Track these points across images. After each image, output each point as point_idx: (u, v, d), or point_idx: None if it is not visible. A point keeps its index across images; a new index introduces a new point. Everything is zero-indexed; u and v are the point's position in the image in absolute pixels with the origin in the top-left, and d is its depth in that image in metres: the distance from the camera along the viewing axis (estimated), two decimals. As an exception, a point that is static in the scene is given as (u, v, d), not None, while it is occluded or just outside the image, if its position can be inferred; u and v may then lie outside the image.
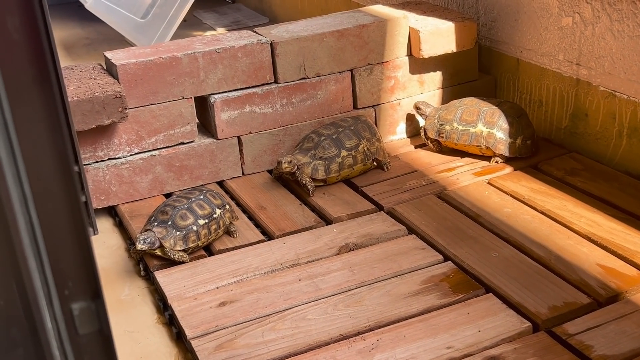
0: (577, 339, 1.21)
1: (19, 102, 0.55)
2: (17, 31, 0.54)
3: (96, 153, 1.74)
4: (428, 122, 1.93)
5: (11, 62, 0.55)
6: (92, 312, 0.62)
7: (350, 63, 1.95)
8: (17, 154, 0.56)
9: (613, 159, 1.80)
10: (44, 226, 0.58)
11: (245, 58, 1.83)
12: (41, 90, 0.57)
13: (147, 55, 1.77)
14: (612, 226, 1.53)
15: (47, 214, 0.58)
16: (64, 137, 0.58)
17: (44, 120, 0.57)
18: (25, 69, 0.56)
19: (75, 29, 3.54)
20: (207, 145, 1.85)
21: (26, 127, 0.56)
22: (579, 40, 1.82)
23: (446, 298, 1.36)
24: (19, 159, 0.56)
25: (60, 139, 0.58)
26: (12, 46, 0.54)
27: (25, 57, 0.55)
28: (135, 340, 1.37)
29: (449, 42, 1.98)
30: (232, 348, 1.26)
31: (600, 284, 1.35)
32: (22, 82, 0.56)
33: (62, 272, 0.60)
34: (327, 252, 1.55)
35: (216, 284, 1.45)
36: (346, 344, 1.26)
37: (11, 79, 0.55)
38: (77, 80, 1.74)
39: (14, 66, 0.55)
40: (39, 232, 0.58)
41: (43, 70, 0.56)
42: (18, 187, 0.56)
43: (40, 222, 0.58)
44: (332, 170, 1.78)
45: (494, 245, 1.51)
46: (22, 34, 0.54)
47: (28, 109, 0.56)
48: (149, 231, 1.51)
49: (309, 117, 1.94)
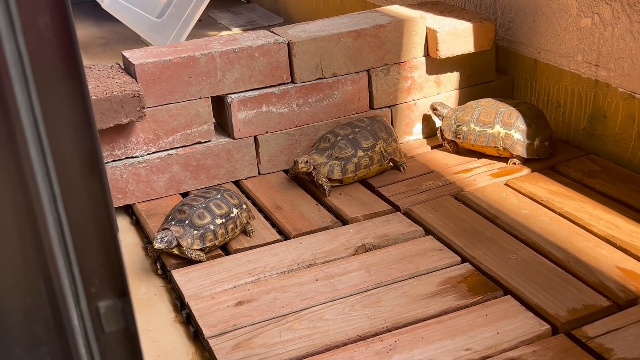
0: (597, 342, 1.20)
1: (49, 100, 0.56)
2: (47, 29, 0.55)
3: (114, 152, 1.75)
4: (445, 123, 1.93)
5: (42, 60, 0.55)
6: (118, 311, 0.62)
7: (367, 63, 1.95)
8: (47, 152, 0.56)
9: (632, 160, 1.78)
10: (72, 224, 0.58)
11: (262, 58, 1.83)
12: (70, 89, 0.57)
13: (165, 54, 1.77)
14: (632, 229, 1.51)
15: (75, 212, 0.58)
16: (93, 135, 0.58)
17: (73, 118, 0.57)
18: (56, 67, 0.56)
19: (91, 29, 3.56)
20: (223, 145, 1.85)
21: (55, 125, 0.56)
22: (598, 41, 1.81)
23: (464, 300, 1.36)
24: (49, 157, 0.56)
25: (89, 136, 0.58)
26: (43, 44, 0.55)
27: (56, 55, 0.56)
28: (152, 339, 1.37)
29: (467, 42, 1.97)
30: (249, 347, 1.26)
31: (620, 286, 1.34)
32: (51, 80, 0.56)
33: (89, 270, 0.60)
34: (343, 252, 1.54)
35: (233, 284, 1.45)
36: (364, 345, 1.25)
37: (41, 77, 0.55)
38: (96, 79, 1.75)
39: (44, 64, 0.55)
40: (67, 230, 0.58)
41: (72, 69, 0.57)
42: (47, 185, 0.56)
43: (68, 220, 0.58)
44: (349, 170, 1.78)
45: (511, 247, 1.50)
46: (52, 32, 0.55)
47: (57, 107, 0.56)
48: (166, 230, 1.52)
49: (326, 117, 1.94)
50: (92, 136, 0.59)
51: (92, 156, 0.59)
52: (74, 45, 0.57)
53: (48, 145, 0.56)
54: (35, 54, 0.54)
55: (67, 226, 0.58)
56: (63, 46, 0.56)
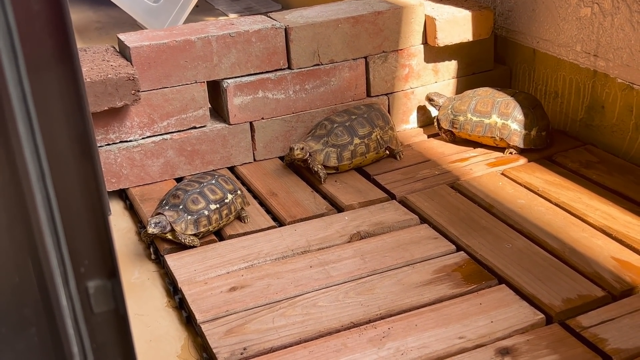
0: (591, 332, 1.20)
1: (39, 77, 0.54)
2: (37, 2, 0.53)
3: (108, 135, 1.74)
4: (441, 113, 1.91)
5: (31, 34, 0.53)
6: (107, 291, 0.61)
7: (365, 50, 1.93)
8: (36, 129, 0.55)
9: (629, 152, 1.78)
10: (61, 203, 0.57)
11: (259, 43, 1.82)
12: (61, 66, 0.55)
13: (161, 38, 1.76)
14: (628, 219, 1.51)
15: (65, 191, 0.57)
16: (84, 114, 0.57)
17: (64, 96, 0.56)
18: (46, 42, 0.54)
19: (87, 12, 3.53)
20: (219, 130, 1.84)
21: (45, 103, 0.55)
22: (597, 31, 1.79)
23: (458, 288, 1.35)
24: (38, 135, 0.55)
25: (80, 115, 0.57)
26: (32, 18, 0.53)
27: (46, 30, 0.54)
28: (144, 324, 1.36)
29: (465, 31, 1.96)
30: (242, 333, 1.25)
31: (615, 277, 1.34)
32: (42, 55, 0.54)
33: (79, 250, 0.59)
34: (338, 239, 1.54)
35: (227, 269, 1.45)
36: (357, 332, 1.25)
37: (31, 52, 0.54)
38: (90, 62, 1.73)
39: (34, 38, 0.54)
40: (56, 209, 0.57)
41: (64, 44, 0.55)
42: (36, 162, 0.55)
43: (57, 199, 0.57)
44: (345, 158, 1.77)
45: (507, 236, 1.49)
46: (42, 4, 0.53)
47: (48, 83, 0.55)
48: (160, 215, 1.51)
49: (322, 104, 1.93)
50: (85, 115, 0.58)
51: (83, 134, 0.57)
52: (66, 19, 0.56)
53: (37, 122, 0.55)
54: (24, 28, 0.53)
55: (56, 205, 0.57)
56: (54, 20, 0.54)
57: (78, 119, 0.57)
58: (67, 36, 0.54)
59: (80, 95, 0.57)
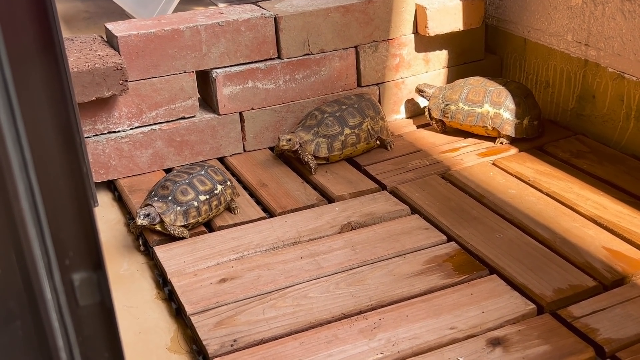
0: (583, 322, 1.20)
1: (21, 64, 0.53)
2: (18, -12, 0.52)
3: (96, 126, 1.72)
4: (432, 102, 1.90)
5: (12, 21, 0.52)
6: (93, 283, 0.60)
7: (355, 39, 1.92)
8: (18, 117, 0.53)
9: (620, 141, 1.77)
10: (44, 193, 0.55)
11: (248, 32, 1.80)
12: (44, 53, 0.54)
13: (149, 27, 1.74)
14: (619, 209, 1.51)
15: (48, 181, 0.55)
16: (67, 103, 0.56)
17: (47, 84, 0.55)
18: (27, 29, 0.53)
19: (75, 2, 3.49)
20: (208, 121, 1.82)
21: (27, 91, 0.54)
22: (589, 21, 1.79)
23: (449, 278, 1.34)
24: (20, 123, 0.53)
25: (63, 104, 0.55)
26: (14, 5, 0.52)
27: (27, 16, 0.53)
28: (134, 316, 1.35)
29: (456, 20, 1.95)
30: (232, 325, 1.24)
31: (606, 267, 1.33)
32: (24, 43, 0.53)
33: (63, 241, 0.57)
34: (329, 230, 1.53)
35: (216, 261, 1.43)
36: (348, 323, 1.24)
37: (12, 40, 0.52)
38: (77, 52, 1.71)
39: (15, 25, 0.52)
40: (40, 199, 0.55)
41: (46, 31, 0.54)
42: (18, 151, 0.53)
43: (40, 189, 0.55)
44: (335, 148, 1.76)
45: (498, 226, 1.49)
46: (23, -10, 0.52)
47: (30, 71, 0.53)
48: (149, 206, 1.49)
49: (312, 94, 1.91)
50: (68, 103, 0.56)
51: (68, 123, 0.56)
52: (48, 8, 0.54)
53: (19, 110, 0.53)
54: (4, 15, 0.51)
55: (40, 195, 0.55)
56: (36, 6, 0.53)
57: (62, 108, 0.55)
58: (50, 24, 0.53)
59: (64, 84, 0.55)
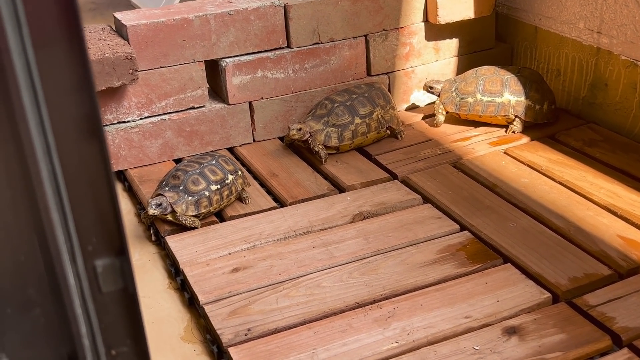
0: (599, 311, 1.19)
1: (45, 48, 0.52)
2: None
3: (106, 116, 1.71)
4: (445, 96, 1.87)
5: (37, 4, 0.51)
6: (116, 270, 0.59)
7: (365, 28, 1.90)
8: (42, 102, 0.52)
9: (633, 130, 1.76)
10: (67, 179, 0.55)
11: (257, 21, 1.79)
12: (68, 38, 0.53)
13: (158, 16, 1.73)
14: (633, 198, 1.50)
15: (71, 166, 0.55)
16: (91, 88, 0.55)
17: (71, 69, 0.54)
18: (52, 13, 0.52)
19: (81, -7, 3.48)
20: (217, 111, 1.82)
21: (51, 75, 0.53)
22: (601, 8, 1.77)
23: (463, 267, 1.34)
24: (43, 107, 0.52)
25: (87, 89, 0.55)
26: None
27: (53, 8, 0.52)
28: (146, 306, 1.35)
29: (467, 8, 1.93)
30: (246, 314, 1.24)
31: (621, 255, 1.32)
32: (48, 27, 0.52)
33: (86, 227, 0.57)
34: (340, 220, 1.52)
35: (229, 250, 1.43)
36: (362, 312, 1.23)
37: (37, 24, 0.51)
38: (87, 41, 1.70)
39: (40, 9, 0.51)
40: (63, 185, 0.55)
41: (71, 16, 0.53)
42: (41, 136, 0.53)
43: (64, 174, 0.54)
44: (345, 137, 1.75)
45: (511, 215, 1.48)
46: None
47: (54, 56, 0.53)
48: (160, 196, 1.49)
49: (322, 83, 1.90)
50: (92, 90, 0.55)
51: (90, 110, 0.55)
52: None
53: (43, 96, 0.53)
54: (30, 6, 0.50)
55: (63, 180, 0.55)
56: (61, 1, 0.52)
57: (85, 94, 0.55)
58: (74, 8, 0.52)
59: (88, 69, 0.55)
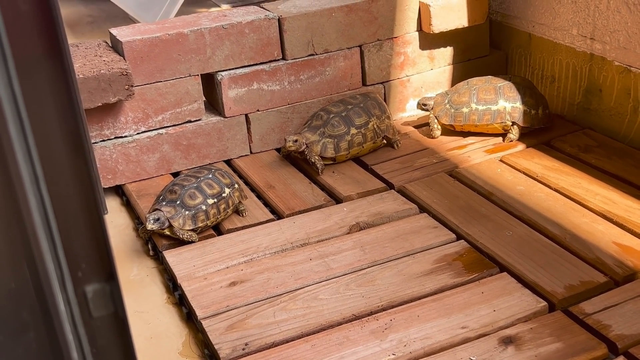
0: (595, 319, 1.19)
1: (29, 77, 0.53)
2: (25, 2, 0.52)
3: (102, 132, 1.72)
4: (439, 109, 1.85)
5: (20, 34, 0.52)
6: (106, 295, 0.60)
7: (359, 39, 1.91)
8: (28, 131, 0.53)
9: (627, 135, 1.77)
10: (56, 206, 0.56)
11: (252, 34, 1.80)
12: (52, 65, 0.54)
13: (153, 31, 1.74)
14: (628, 204, 1.50)
15: (59, 194, 0.56)
16: (76, 114, 0.56)
17: (55, 95, 0.55)
18: (35, 42, 0.53)
19: (78, 7, 3.50)
20: (214, 124, 1.82)
21: (36, 103, 0.54)
22: (594, 14, 1.78)
23: (460, 277, 1.34)
24: (30, 136, 0.53)
25: (72, 115, 0.56)
26: (21, 18, 0.52)
27: (35, 30, 0.53)
28: (144, 321, 1.35)
29: (460, 16, 1.94)
30: (243, 328, 1.24)
31: (617, 262, 1.33)
32: (31, 56, 0.53)
33: (75, 253, 0.58)
34: (337, 231, 1.53)
35: (226, 264, 1.43)
36: (359, 324, 1.24)
37: (20, 53, 0.52)
38: (83, 58, 1.71)
39: (23, 39, 0.52)
40: (51, 212, 0.55)
41: (53, 44, 0.54)
42: (29, 165, 0.53)
43: (52, 202, 0.55)
44: (342, 148, 1.76)
45: (507, 223, 1.48)
46: (30, 4, 0.52)
47: (38, 84, 0.54)
48: (157, 210, 1.49)
49: (318, 94, 1.91)
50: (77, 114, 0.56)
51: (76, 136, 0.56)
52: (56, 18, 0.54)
53: (29, 124, 0.53)
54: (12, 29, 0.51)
55: (51, 208, 0.56)
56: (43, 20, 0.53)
57: (70, 118, 0.55)
58: (57, 35, 0.53)
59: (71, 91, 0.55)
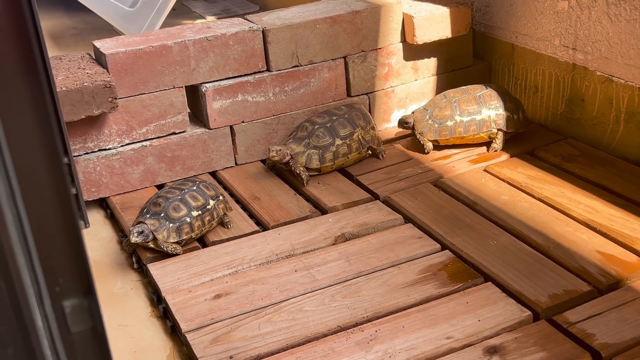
0: (579, 328, 1.20)
1: (4, 92, 0.52)
2: (0, 16, 0.51)
3: (86, 144, 1.71)
4: (421, 125, 1.84)
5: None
6: (84, 310, 0.59)
7: (344, 50, 1.92)
8: (4, 146, 0.53)
9: (610, 144, 1.78)
10: (32, 221, 0.55)
11: (236, 46, 1.80)
12: (27, 79, 0.54)
13: (137, 44, 1.73)
14: (611, 212, 1.51)
15: (36, 208, 0.55)
16: (52, 128, 0.55)
17: (31, 110, 0.54)
18: (9, 56, 0.53)
19: (63, 19, 3.49)
20: (199, 135, 1.82)
21: (12, 118, 0.53)
22: (575, 25, 1.80)
23: (445, 287, 1.34)
24: (5, 151, 0.53)
25: (49, 129, 0.55)
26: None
27: (10, 44, 0.52)
28: (129, 335, 1.34)
29: (444, 27, 1.96)
30: (228, 341, 1.24)
31: (601, 271, 1.33)
32: (6, 70, 0.53)
33: (53, 269, 0.57)
34: (323, 242, 1.52)
35: (211, 276, 1.43)
36: (344, 335, 1.24)
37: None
38: (66, 70, 1.70)
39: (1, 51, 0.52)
40: (28, 227, 0.55)
41: (29, 58, 0.53)
42: (5, 180, 0.53)
43: (28, 217, 0.55)
44: (327, 159, 1.76)
45: (491, 233, 1.49)
46: (5, 18, 0.51)
47: (14, 98, 0.53)
48: (141, 223, 1.49)
49: (302, 105, 1.91)
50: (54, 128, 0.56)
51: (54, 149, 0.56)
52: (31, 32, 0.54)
53: (4, 138, 0.53)
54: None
55: (28, 222, 0.55)
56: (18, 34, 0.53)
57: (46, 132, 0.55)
58: (32, 50, 0.53)
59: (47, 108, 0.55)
